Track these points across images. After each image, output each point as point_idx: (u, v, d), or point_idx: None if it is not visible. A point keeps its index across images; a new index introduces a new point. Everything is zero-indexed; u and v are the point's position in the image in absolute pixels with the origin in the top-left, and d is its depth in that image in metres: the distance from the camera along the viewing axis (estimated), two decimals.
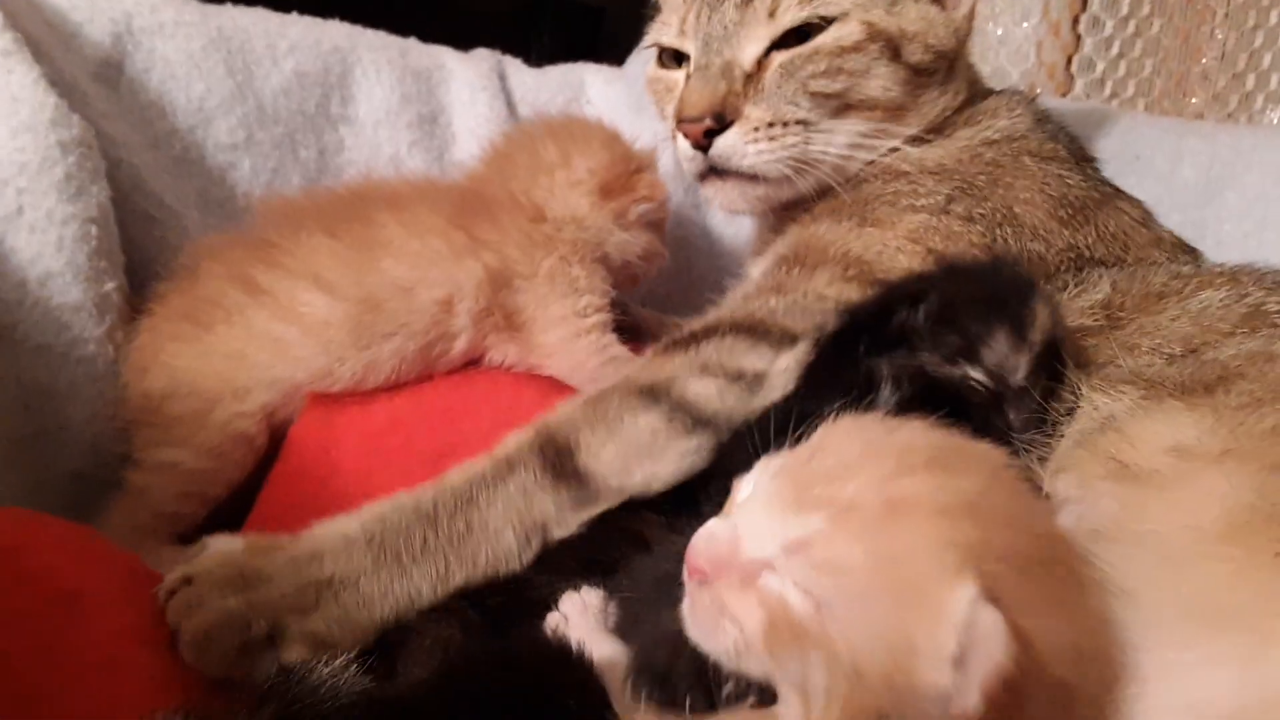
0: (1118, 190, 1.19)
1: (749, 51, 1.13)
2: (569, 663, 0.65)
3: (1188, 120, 1.82)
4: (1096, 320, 0.92)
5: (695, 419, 0.90)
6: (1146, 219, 1.17)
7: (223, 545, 0.82)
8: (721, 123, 1.11)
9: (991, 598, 0.50)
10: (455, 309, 1.04)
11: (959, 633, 0.49)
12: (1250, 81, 1.96)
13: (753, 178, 1.13)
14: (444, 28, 1.54)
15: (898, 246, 1.04)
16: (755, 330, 0.96)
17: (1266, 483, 0.66)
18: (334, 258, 1.03)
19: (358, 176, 1.34)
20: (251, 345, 1.00)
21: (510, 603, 0.76)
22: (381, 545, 0.81)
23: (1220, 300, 0.90)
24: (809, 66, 1.12)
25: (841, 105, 1.14)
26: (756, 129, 1.11)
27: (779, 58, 1.12)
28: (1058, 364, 0.81)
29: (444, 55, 1.50)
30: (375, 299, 1.02)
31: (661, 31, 1.25)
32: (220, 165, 1.27)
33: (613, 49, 1.73)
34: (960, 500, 0.55)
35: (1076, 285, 0.99)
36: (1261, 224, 1.34)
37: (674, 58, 1.23)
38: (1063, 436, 0.82)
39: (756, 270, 1.14)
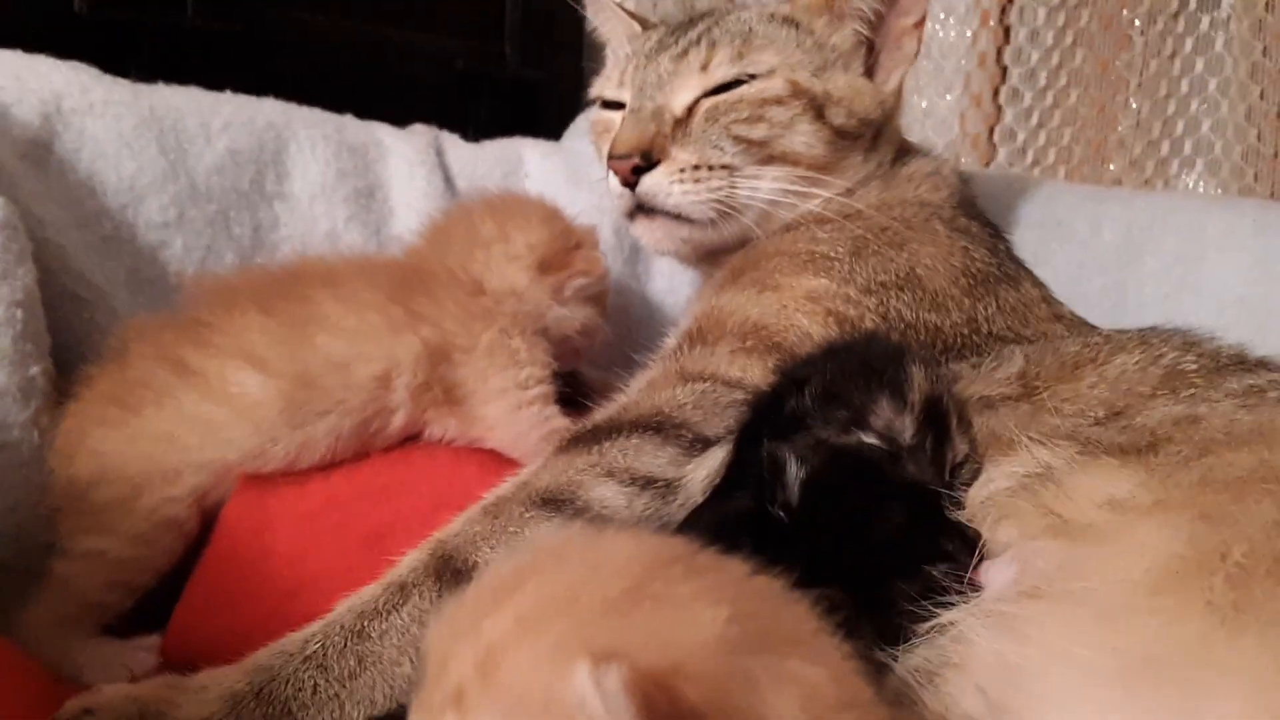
0: (1023, 270, 1.23)
1: (680, 99, 1.19)
2: None
3: (1106, 186, 1.89)
4: (1015, 390, 0.94)
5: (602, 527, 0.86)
6: (1048, 297, 1.21)
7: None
8: (649, 161, 1.16)
9: (608, 659, 0.45)
10: (393, 384, 1.03)
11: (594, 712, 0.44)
12: (1165, 148, 2.05)
13: (678, 218, 1.18)
14: (380, 104, 1.55)
15: (796, 307, 1.06)
16: (662, 428, 0.94)
17: (1196, 532, 0.68)
18: (267, 335, 1.01)
19: (293, 253, 1.34)
20: (181, 427, 0.98)
21: None
22: (270, 699, 0.77)
23: (1135, 364, 0.93)
24: (732, 112, 1.17)
25: (766, 155, 1.18)
26: (682, 170, 1.16)
27: (705, 104, 1.18)
28: (942, 419, 0.85)
29: (380, 131, 1.51)
30: (309, 376, 1.00)
31: (603, 85, 1.33)
32: (151, 244, 1.25)
33: (550, 124, 1.75)
34: (540, 609, 0.50)
35: (992, 361, 1.01)
36: (1180, 285, 1.38)
37: (616, 107, 1.29)
38: (987, 481, 0.84)
39: (670, 340, 1.14)
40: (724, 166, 1.16)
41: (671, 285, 1.59)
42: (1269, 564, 0.63)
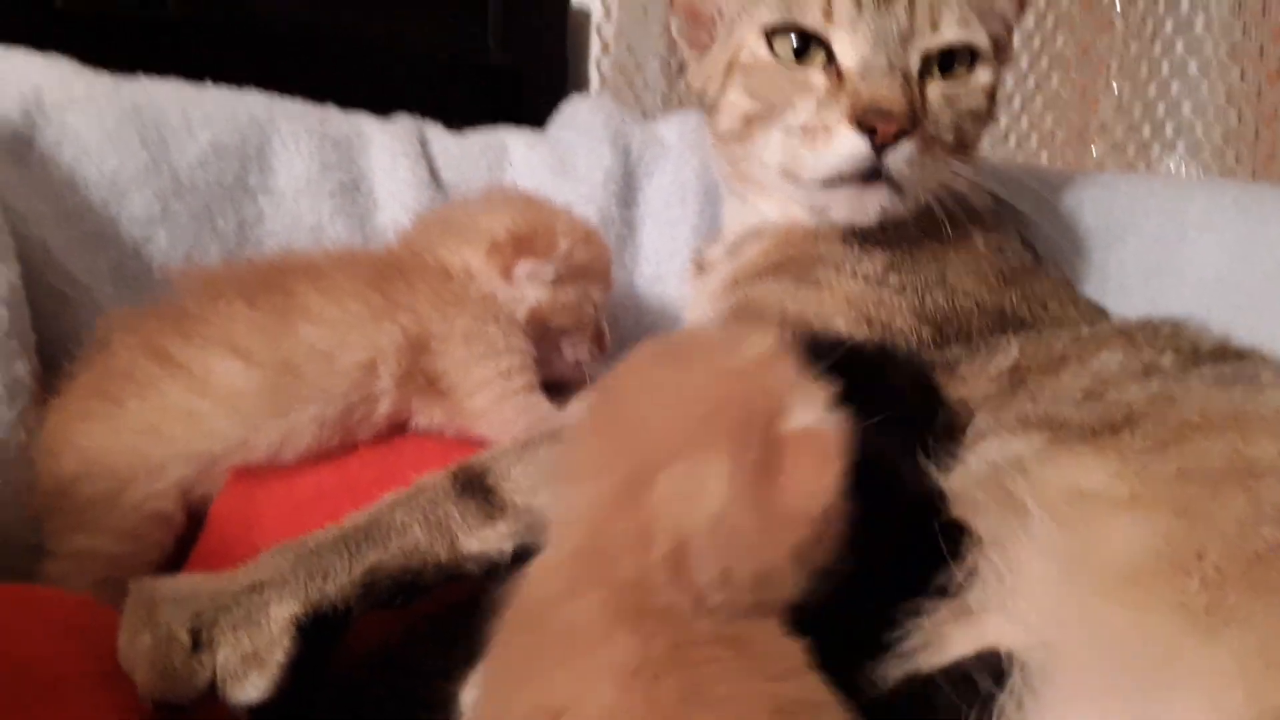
0: (1041, 258, 1.24)
1: (914, 60, 1.08)
2: None
3: (1089, 170, 1.90)
4: (1003, 385, 0.95)
5: None
6: (1066, 281, 1.22)
7: None
8: (912, 128, 1.03)
9: None
10: (378, 371, 1.04)
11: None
12: (1146, 131, 2.06)
13: (897, 190, 1.07)
14: (363, 94, 1.55)
15: (834, 309, 1.05)
16: None
17: (1174, 529, 0.67)
18: (250, 325, 1.02)
19: (279, 247, 1.33)
20: (165, 419, 0.98)
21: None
22: (294, 550, 0.82)
23: (1118, 361, 0.94)
24: (968, 101, 1.11)
25: (963, 146, 1.14)
26: (925, 143, 1.06)
27: (938, 86, 1.09)
28: None
29: (363, 122, 1.50)
30: (293, 364, 1.01)
31: (796, 9, 1.08)
32: (135, 239, 1.25)
33: (533, 112, 1.75)
34: None
35: (988, 352, 1.02)
36: (1160, 268, 1.40)
37: (798, 50, 1.09)
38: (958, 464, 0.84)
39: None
40: (945, 150, 1.10)
41: (659, 272, 1.58)
42: (1242, 567, 0.63)
